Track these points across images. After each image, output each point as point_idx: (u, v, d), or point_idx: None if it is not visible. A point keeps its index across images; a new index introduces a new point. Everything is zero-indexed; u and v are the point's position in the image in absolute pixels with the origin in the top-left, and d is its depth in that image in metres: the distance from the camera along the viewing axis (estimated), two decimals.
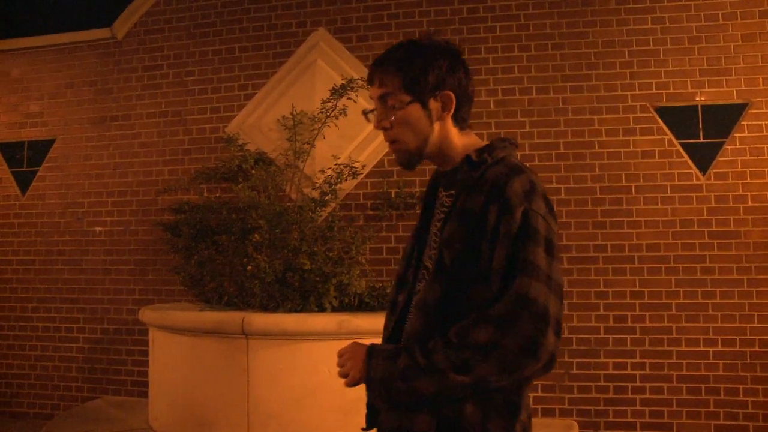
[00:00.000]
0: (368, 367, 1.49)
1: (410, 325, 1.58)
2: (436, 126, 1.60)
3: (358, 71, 5.15)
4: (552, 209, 1.49)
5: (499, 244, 1.42)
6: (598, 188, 4.75)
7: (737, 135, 4.62)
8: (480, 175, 1.52)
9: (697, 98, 4.70)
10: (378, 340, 1.66)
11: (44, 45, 6.03)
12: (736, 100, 4.65)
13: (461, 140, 1.63)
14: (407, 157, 1.63)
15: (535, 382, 2.86)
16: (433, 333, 1.46)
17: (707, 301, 4.55)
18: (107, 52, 5.89)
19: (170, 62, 5.70)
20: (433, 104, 1.59)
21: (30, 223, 5.96)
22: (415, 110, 1.57)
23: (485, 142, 1.64)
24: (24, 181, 6.00)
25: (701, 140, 4.67)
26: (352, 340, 1.67)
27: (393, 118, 1.59)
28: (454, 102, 1.60)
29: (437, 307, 1.49)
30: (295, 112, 5.14)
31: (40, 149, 5.98)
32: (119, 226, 5.70)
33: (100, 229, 5.76)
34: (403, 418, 1.51)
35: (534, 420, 1.69)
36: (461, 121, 1.64)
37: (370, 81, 1.64)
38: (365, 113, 1.73)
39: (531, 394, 1.62)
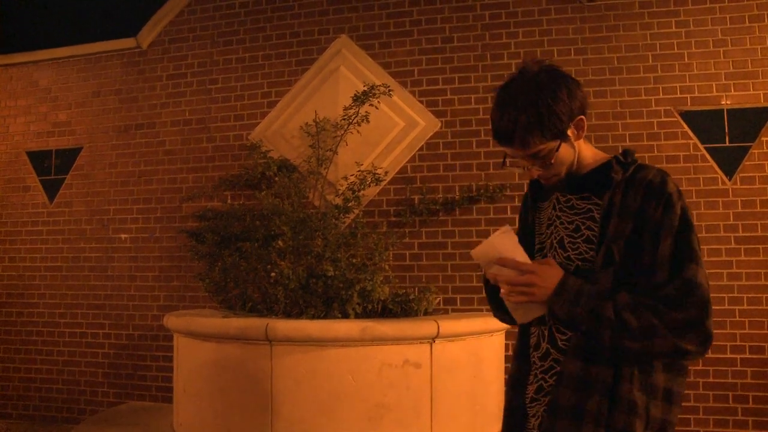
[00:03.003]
0: (563, 280, 1.59)
1: None
2: (576, 146, 1.71)
3: (381, 78, 5.17)
4: None
5: (664, 235, 1.56)
6: None
7: (764, 139, 4.56)
8: (631, 175, 1.64)
9: (723, 102, 4.65)
10: (402, 347, 1.74)
11: (71, 55, 6.14)
12: (762, 104, 4.59)
13: (587, 149, 1.76)
14: (558, 181, 1.76)
15: None
16: None
17: (734, 307, 4.49)
18: (132, 62, 5.97)
19: (194, 70, 5.77)
20: (571, 132, 1.68)
21: (57, 230, 6.05)
22: (563, 149, 1.67)
23: (603, 154, 1.79)
24: (52, 189, 6.10)
25: (727, 144, 4.62)
26: (376, 346, 1.72)
27: (547, 164, 1.69)
28: (585, 122, 1.70)
29: (610, 291, 1.59)
30: (317, 119, 5.16)
31: (67, 157, 6.07)
32: (144, 233, 5.77)
33: (125, 235, 5.83)
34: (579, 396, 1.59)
35: None
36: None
37: (509, 142, 1.67)
38: (504, 165, 1.81)
39: None
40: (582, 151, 1.74)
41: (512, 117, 1.62)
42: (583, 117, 1.68)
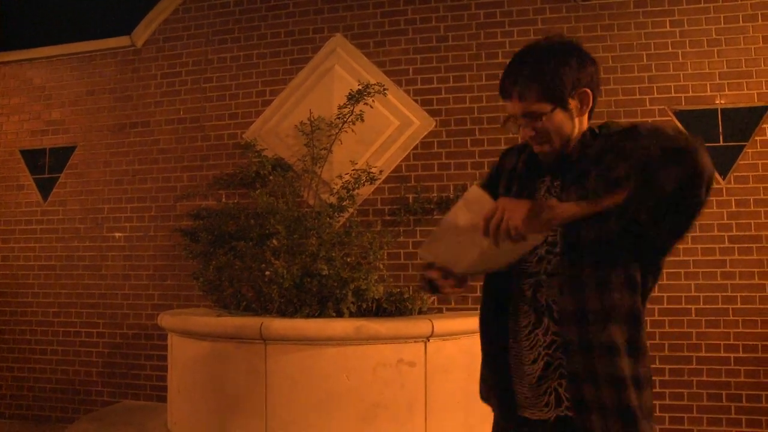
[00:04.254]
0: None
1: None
2: (576, 122, 1.68)
3: (376, 77, 5.16)
4: None
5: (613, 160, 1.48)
6: None
7: (758, 138, 4.58)
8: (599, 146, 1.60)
9: (717, 101, 4.66)
10: (397, 346, 1.71)
11: (65, 53, 6.11)
12: (756, 103, 4.60)
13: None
14: (552, 155, 1.71)
15: None
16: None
17: (728, 306, 4.50)
18: (127, 60, 5.95)
19: (189, 69, 5.75)
20: (573, 103, 1.66)
21: (51, 228, 6.03)
22: (557, 116, 1.64)
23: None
24: (46, 188, 6.08)
25: (721, 144, 4.63)
26: (370, 345, 1.68)
27: (539, 125, 1.65)
28: (592, 97, 1.69)
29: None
30: (312, 118, 5.16)
31: (61, 156, 6.05)
32: (138, 232, 5.75)
33: (119, 234, 5.81)
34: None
35: None
36: (592, 115, 1.74)
37: (507, 95, 1.67)
38: (503, 124, 1.77)
39: None
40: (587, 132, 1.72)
41: (517, 70, 1.64)
42: (588, 90, 1.67)
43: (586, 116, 1.72)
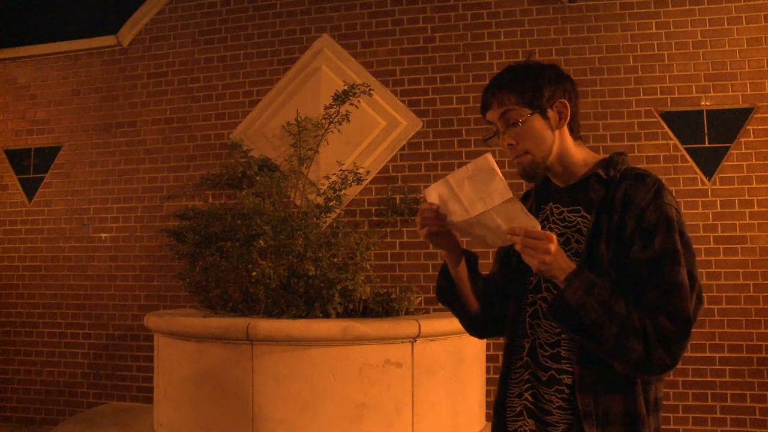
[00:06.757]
0: (581, 268, 1.54)
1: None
2: (556, 134, 1.70)
3: (363, 77, 5.16)
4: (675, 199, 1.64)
5: (638, 239, 1.54)
6: None
7: (743, 140, 4.61)
8: (612, 194, 1.62)
9: (702, 103, 4.69)
10: (384, 346, 1.71)
11: (51, 53, 6.07)
12: (741, 105, 4.64)
13: (579, 152, 1.74)
14: (533, 168, 1.71)
15: None
16: None
17: (713, 307, 4.53)
18: (113, 60, 5.92)
19: (175, 69, 5.73)
20: (551, 114, 1.68)
21: (36, 229, 5.98)
22: (537, 122, 1.66)
23: (600, 156, 1.77)
24: (30, 188, 6.03)
25: (706, 145, 4.66)
26: (357, 346, 1.68)
27: (518, 132, 1.67)
28: (569, 109, 1.70)
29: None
30: (299, 119, 5.15)
31: (46, 156, 6.01)
32: (124, 233, 5.72)
33: (105, 235, 5.78)
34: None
35: None
36: (575, 132, 1.75)
37: (487, 105, 1.72)
38: (485, 141, 1.83)
39: None
40: (569, 148, 1.72)
41: (496, 82, 1.70)
42: (565, 101, 1.69)
43: (566, 132, 1.72)
